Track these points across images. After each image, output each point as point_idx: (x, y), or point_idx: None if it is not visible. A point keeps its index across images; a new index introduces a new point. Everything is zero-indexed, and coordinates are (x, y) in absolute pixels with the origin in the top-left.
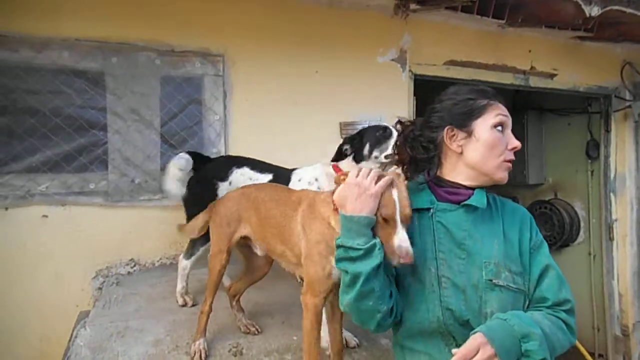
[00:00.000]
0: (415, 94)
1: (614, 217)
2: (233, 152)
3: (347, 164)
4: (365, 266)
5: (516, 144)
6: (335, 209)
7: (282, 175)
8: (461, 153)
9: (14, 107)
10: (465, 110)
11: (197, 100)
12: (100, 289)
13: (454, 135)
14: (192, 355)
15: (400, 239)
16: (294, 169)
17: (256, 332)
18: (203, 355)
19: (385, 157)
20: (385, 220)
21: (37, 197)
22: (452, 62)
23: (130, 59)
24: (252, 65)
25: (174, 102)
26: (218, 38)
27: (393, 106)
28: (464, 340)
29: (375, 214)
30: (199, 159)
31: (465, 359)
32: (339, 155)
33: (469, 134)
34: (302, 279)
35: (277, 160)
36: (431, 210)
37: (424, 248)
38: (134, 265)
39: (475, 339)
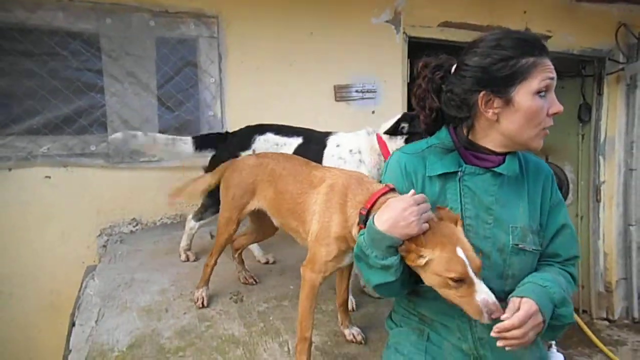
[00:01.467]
0: (409, 57)
1: (601, 179)
2: (229, 115)
3: (395, 143)
4: (378, 278)
5: (558, 109)
6: (361, 226)
7: (314, 139)
8: (497, 121)
9: (11, 69)
10: (505, 73)
11: (193, 63)
12: (104, 246)
13: (490, 100)
14: (195, 301)
15: (483, 292)
16: (329, 133)
17: (254, 283)
18: (205, 302)
19: None
20: (457, 281)
21: (39, 158)
22: (446, 24)
23: (124, 20)
24: (247, 27)
25: (169, 65)
26: None
27: (387, 69)
28: None
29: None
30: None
31: (521, 323)
32: (394, 130)
33: (508, 102)
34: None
35: (272, 122)
36: (459, 174)
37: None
38: (137, 224)
39: (531, 306)
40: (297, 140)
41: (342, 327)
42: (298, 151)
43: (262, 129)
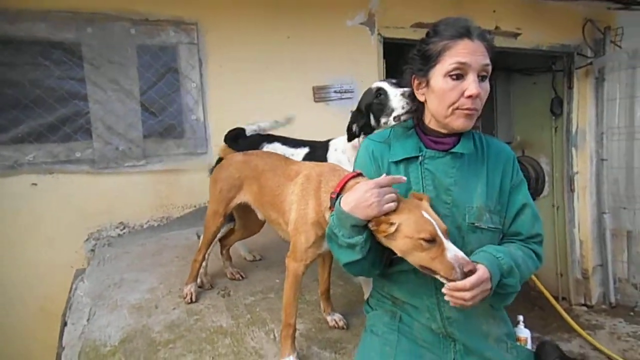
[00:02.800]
0: (385, 57)
1: (575, 170)
2: (212, 118)
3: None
4: (347, 257)
5: (471, 91)
6: (331, 209)
7: (319, 147)
8: (425, 101)
9: None
10: (422, 58)
11: (174, 69)
12: (93, 250)
13: (419, 83)
14: (184, 297)
15: (453, 250)
16: (330, 140)
17: (241, 278)
18: (193, 297)
19: (395, 118)
20: (428, 241)
21: (25, 166)
22: (419, 25)
23: (105, 28)
24: (226, 33)
25: (151, 71)
26: (191, 6)
27: (363, 69)
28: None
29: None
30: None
31: (472, 287)
32: (352, 136)
33: (427, 83)
34: (288, 242)
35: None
36: (420, 158)
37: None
38: (124, 228)
39: (484, 273)
40: (304, 150)
41: (325, 314)
42: (306, 159)
43: (270, 138)
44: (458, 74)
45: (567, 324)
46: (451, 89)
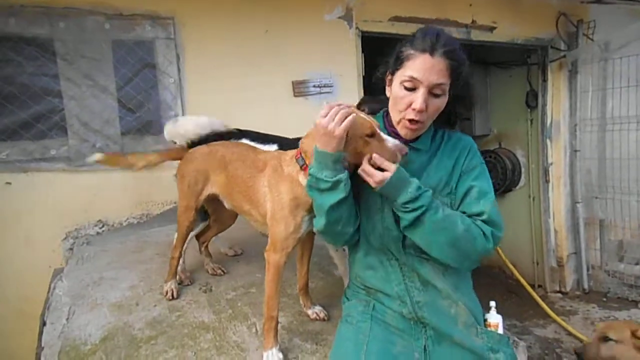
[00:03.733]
0: (363, 51)
1: (549, 161)
2: (190, 114)
3: None
4: (331, 198)
5: (415, 106)
6: (305, 168)
7: (289, 145)
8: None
9: None
10: (394, 58)
11: (151, 64)
12: (71, 249)
13: (389, 80)
14: (164, 294)
15: (391, 140)
16: (299, 138)
17: (222, 274)
18: (175, 294)
19: None
20: (369, 136)
21: None
22: (397, 18)
23: (78, 23)
24: (203, 27)
25: (127, 67)
26: (167, 1)
27: (342, 63)
28: (399, 255)
29: (349, 148)
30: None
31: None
32: None
33: (391, 83)
34: (266, 236)
35: (233, 120)
36: None
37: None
38: (103, 226)
39: (390, 167)
40: (272, 147)
41: (305, 308)
42: None
43: (239, 134)
44: (410, 87)
45: (542, 310)
46: (402, 98)
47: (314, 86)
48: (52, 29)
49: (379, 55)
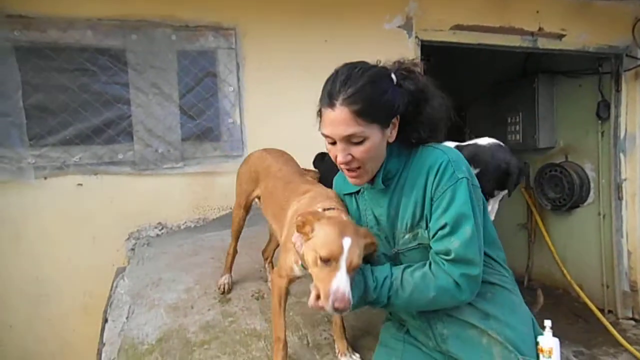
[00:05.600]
0: (422, 59)
1: (623, 176)
2: (248, 122)
3: None
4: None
5: (339, 159)
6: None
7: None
8: None
9: (46, 84)
10: (317, 116)
11: (212, 73)
12: (133, 249)
13: None
14: (218, 287)
15: (338, 282)
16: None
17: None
18: (227, 288)
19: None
20: (325, 261)
21: (72, 167)
22: (458, 27)
23: (148, 35)
24: (263, 37)
25: (190, 75)
26: (229, 12)
27: None
28: None
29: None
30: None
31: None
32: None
33: None
34: None
35: (289, 129)
36: (360, 192)
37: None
38: (162, 228)
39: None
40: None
41: (340, 355)
42: None
43: None
44: (331, 142)
45: (613, 338)
46: (330, 152)
47: None
48: (124, 40)
49: (439, 64)
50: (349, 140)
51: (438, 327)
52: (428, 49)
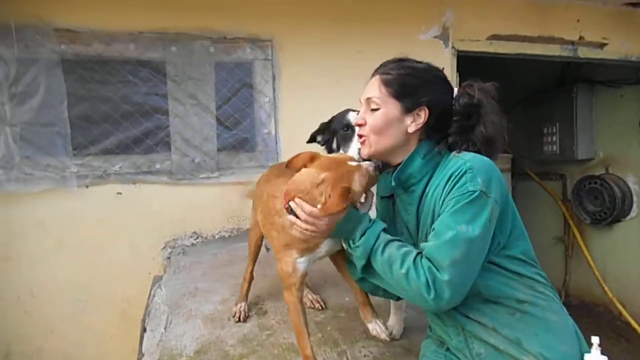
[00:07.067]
0: (458, 70)
1: None
2: (282, 132)
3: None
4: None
5: (357, 121)
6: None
7: None
8: None
9: (89, 95)
10: None
11: (249, 84)
12: (169, 258)
13: None
14: (233, 315)
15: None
16: None
17: (321, 308)
18: (242, 317)
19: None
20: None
21: (112, 176)
22: (496, 37)
23: (187, 47)
24: (299, 49)
25: (227, 87)
26: (266, 24)
27: None
28: None
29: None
30: None
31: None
32: (312, 141)
33: None
34: None
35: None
36: (394, 197)
37: (394, 229)
38: (197, 237)
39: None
40: None
41: (365, 320)
42: None
43: None
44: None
45: None
46: None
47: None
48: (164, 52)
49: (474, 74)
50: (368, 104)
51: (475, 346)
52: (461, 58)
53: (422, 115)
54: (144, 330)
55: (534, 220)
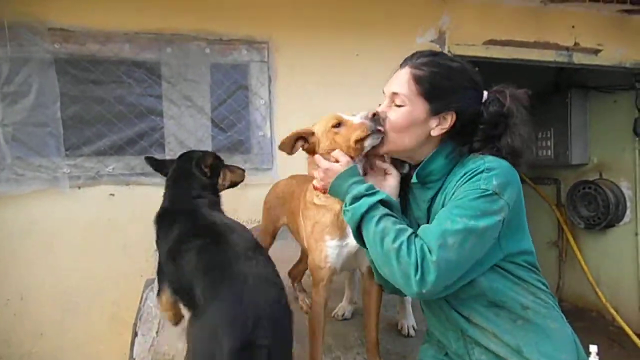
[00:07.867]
0: None
1: None
2: (278, 135)
3: None
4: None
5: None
6: (315, 188)
7: None
8: None
9: (83, 96)
10: None
11: (244, 86)
12: None
13: None
14: None
15: (357, 117)
16: None
17: None
18: None
19: None
20: (336, 125)
21: (105, 177)
22: (492, 42)
23: (182, 48)
24: (295, 51)
25: (222, 88)
26: (263, 26)
27: None
28: (448, 312)
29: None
30: None
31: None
32: None
33: None
34: None
35: None
36: (410, 187)
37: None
38: None
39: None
40: None
41: None
42: None
43: None
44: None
45: None
46: None
47: None
48: (160, 53)
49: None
50: (393, 99)
51: (475, 352)
52: None
53: (449, 120)
54: (135, 334)
55: (527, 224)
